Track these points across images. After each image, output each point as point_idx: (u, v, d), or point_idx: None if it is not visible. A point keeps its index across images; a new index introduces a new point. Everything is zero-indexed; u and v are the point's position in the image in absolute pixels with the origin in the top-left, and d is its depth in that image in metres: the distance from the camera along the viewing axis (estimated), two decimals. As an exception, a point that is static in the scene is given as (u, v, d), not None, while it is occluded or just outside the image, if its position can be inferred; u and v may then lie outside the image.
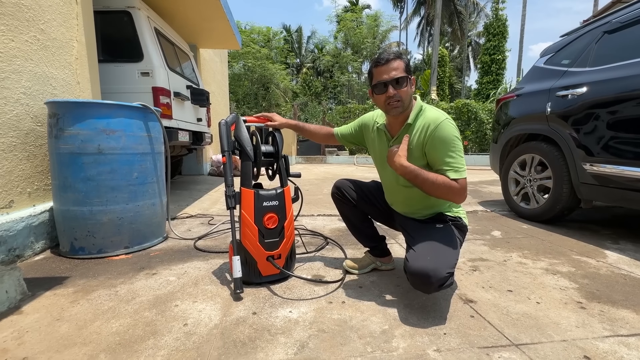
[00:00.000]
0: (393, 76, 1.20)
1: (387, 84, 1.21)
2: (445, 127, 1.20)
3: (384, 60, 1.21)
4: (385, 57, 1.22)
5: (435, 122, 1.21)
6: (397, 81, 1.20)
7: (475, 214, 2.88)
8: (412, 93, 1.27)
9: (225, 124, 1.42)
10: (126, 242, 1.83)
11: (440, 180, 1.16)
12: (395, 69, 1.20)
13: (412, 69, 1.26)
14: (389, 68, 1.21)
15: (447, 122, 1.21)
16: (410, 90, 1.25)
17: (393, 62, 1.20)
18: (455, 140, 1.20)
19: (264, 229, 1.38)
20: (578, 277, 1.54)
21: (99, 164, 1.72)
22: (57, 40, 1.99)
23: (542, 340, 1.04)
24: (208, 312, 1.20)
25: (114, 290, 1.37)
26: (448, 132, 1.19)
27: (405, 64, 1.22)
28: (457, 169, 1.17)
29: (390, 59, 1.21)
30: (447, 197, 1.21)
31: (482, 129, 9.87)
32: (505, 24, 14.14)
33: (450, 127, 1.21)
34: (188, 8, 3.98)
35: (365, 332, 1.08)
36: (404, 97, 1.23)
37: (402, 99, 1.22)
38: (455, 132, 1.21)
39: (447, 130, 1.20)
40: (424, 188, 1.19)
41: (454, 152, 1.19)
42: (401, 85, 1.21)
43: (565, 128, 2.28)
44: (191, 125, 3.74)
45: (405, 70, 1.21)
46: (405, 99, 1.23)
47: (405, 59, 1.23)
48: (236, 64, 17.31)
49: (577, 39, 2.50)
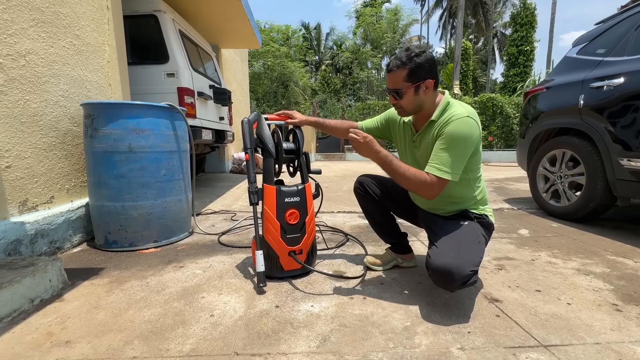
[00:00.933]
0: (391, 87, 1.23)
1: (389, 91, 1.25)
2: (460, 123, 1.16)
3: (388, 67, 1.24)
4: (389, 67, 1.23)
5: (455, 117, 1.18)
6: (396, 92, 1.22)
7: (501, 212, 2.79)
8: (419, 100, 1.23)
9: (248, 122, 1.45)
10: (155, 236, 1.92)
11: (412, 172, 1.17)
12: (395, 81, 1.21)
13: (426, 72, 1.18)
14: (390, 78, 1.23)
15: (464, 120, 1.16)
16: (416, 98, 1.22)
17: (395, 72, 1.20)
18: (460, 139, 1.15)
19: (285, 224, 1.41)
20: (613, 278, 1.46)
21: (130, 162, 1.81)
22: (91, 44, 2.10)
23: (574, 342, 1.00)
24: (233, 304, 1.24)
25: (145, 282, 1.45)
26: (459, 129, 1.15)
27: (411, 71, 1.17)
28: (440, 168, 1.15)
29: (392, 70, 1.21)
30: (416, 189, 1.19)
31: (508, 123, 9.49)
32: (534, 13, 13.48)
33: (465, 125, 1.16)
34: (211, 10, 4.08)
35: (387, 328, 1.08)
36: (405, 105, 1.24)
37: (402, 107, 1.25)
38: (470, 131, 1.16)
39: (460, 127, 1.16)
40: (395, 177, 1.21)
41: (449, 149, 1.15)
42: (400, 96, 1.22)
43: (600, 121, 2.15)
44: (214, 124, 3.84)
45: (407, 79, 1.18)
46: (407, 107, 1.25)
47: (411, 66, 1.17)
48: (256, 62, 17.55)
49: (614, 26, 2.35)
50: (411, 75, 1.19)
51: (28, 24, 1.67)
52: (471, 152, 1.19)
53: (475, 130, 1.18)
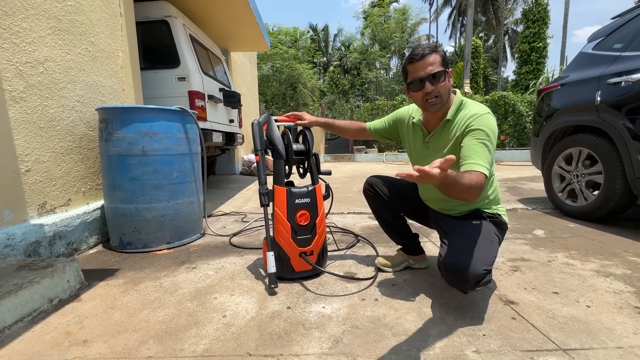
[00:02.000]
0: (429, 72, 1.15)
1: (423, 80, 1.17)
2: (488, 119, 1.16)
3: (418, 55, 1.17)
4: (420, 53, 1.17)
5: (477, 115, 1.17)
6: (433, 76, 1.15)
7: (515, 212, 2.73)
8: (450, 87, 1.22)
9: (258, 124, 1.46)
10: (168, 237, 1.95)
11: (473, 181, 1.00)
12: (432, 63, 1.15)
13: (449, 61, 1.21)
14: (425, 63, 1.16)
15: (489, 116, 1.17)
16: (449, 84, 1.20)
17: (428, 56, 1.15)
18: (492, 135, 1.14)
19: (296, 225, 1.41)
20: (635, 280, 1.41)
21: (144, 165, 1.84)
22: (105, 51, 2.16)
23: (594, 346, 0.97)
24: (245, 305, 1.25)
25: (159, 282, 1.47)
26: (489, 124, 1.14)
27: (442, 57, 1.18)
28: (484, 165, 1.06)
29: (426, 54, 1.16)
30: (469, 197, 1.01)
31: (521, 122, 9.29)
32: (546, 8, 13.20)
33: (492, 121, 1.16)
34: (220, 14, 4.13)
35: (399, 330, 1.07)
36: (443, 92, 1.18)
37: (440, 94, 1.18)
38: (495, 127, 1.16)
39: (489, 123, 1.15)
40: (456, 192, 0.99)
41: (484, 144, 1.11)
42: (438, 80, 1.16)
43: (619, 118, 2.09)
44: (224, 127, 3.88)
45: (442, 63, 1.17)
46: (443, 94, 1.19)
47: (441, 52, 1.18)
48: (264, 65, 17.69)
49: (632, 20, 2.28)
50: (444, 60, 1.18)
51: (46, 32, 1.72)
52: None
53: (496, 127, 1.18)
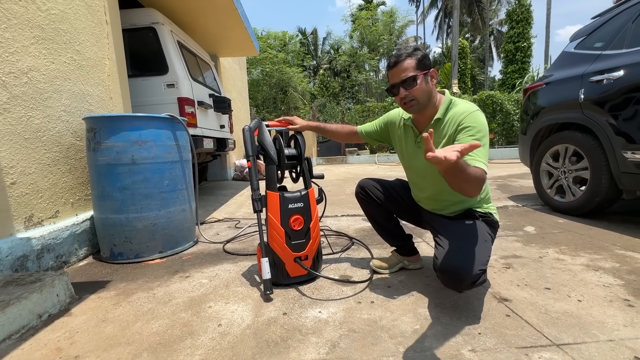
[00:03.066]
0: (402, 78, 1.20)
1: (396, 86, 1.22)
2: (478, 116, 1.18)
3: (392, 62, 1.22)
4: (394, 60, 1.22)
5: (467, 112, 1.19)
6: (405, 81, 1.20)
7: (506, 209, 2.77)
8: (430, 89, 1.23)
9: (249, 130, 1.46)
10: (160, 246, 1.92)
11: (478, 173, 0.99)
12: (405, 69, 1.19)
13: (430, 62, 1.23)
14: (399, 70, 1.20)
15: (479, 113, 1.20)
16: (427, 86, 1.22)
17: (402, 62, 1.20)
18: (485, 131, 1.17)
19: (290, 230, 1.40)
20: (623, 273, 1.44)
21: (133, 174, 1.81)
22: (91, 59, 2.13)
23: (586, 340, 0.99)
24: (240, 312, 1.24)
25: (152, 293, 1.44)
26: (481, 120, 1.17)
27: (418, 60, 1.20)
28: (483, 161, 1.07)
29: (400, 60, 1.20)
30: (472, 191, 1.01)
31: (509, 120, 9.47)
32: (530, 9, 13.50)
33: (482, 117, 1.19)
34: (208, 20, 4.12)
35: (396, 332, 1.07)
36: (418, 95, 1.21)
37: (415, 97, 1.21)
38: (486, 124, 1.19)
39: (480, 119, 1.18)
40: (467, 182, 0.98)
41: (483, 141, 1.13)
42: (411, 85, 1.19)
43: (602, 115, 2.14)
44: (215, 133, 3.86)
45: (417, 67, 1.19)
46: (420, 97, 1.21)
47: (418, 55, 1.20)
48: (254, 70, 17.66)
49: (612, 19, 2.35)
50: (420, 63, 1.20)
51: (29, 41, 1.69)
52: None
53: (487, 124, 1.20)
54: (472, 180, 0.98)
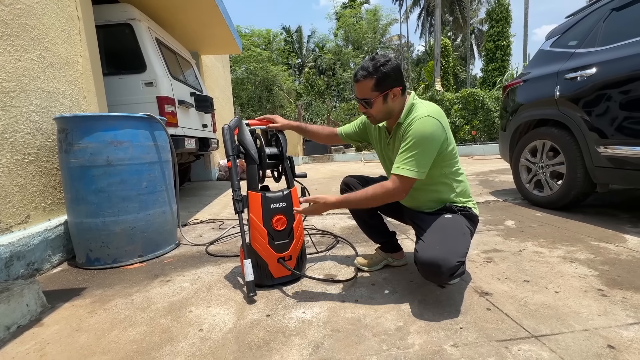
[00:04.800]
0: (360, 97, 1.26)
1: (358, 100, 1.28)
2: (421, 123, 1.18)
3: (354, 78, 1.26)
4: (357, 77, 1.24)
5: (417, 118, 1.20)
6: (365, 101, 1.25)
7: (487, 204, 2.83)
8: (387, 108, 1.26)
9: (229, 129, 1.42)
10: (139, 250, 1.86)
11: (371, 192, 1.20)
12: (363, 90, 1.24)
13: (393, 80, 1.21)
14: (358, 87, 1.25)
15: (425, 119, 1.18)
16: (384, 106, 1.25)
17: (362, 82, 1.23)
18: (423, 138, 1.16)
19: (272, 231, 1.38)
20: (597, 264, 1.49)
21: (109, 176, 1.75)
22: (62, 56, 2.03)
23: (563, 331, 1.01)
24: (222, 316, 1.21)
25: (130, 299, 1.39)
26: (420, 129, 1.17)
27: (378, 81, 1.20)
28: (402, 167, 1.17)
29: (359, 80, 1.23)
30: (385, 200, 1.22)
31: (490, 117, 9.69)
32: (508, 8, 13.87)
33: (427, 125, 1.18)
34: (188, 16, 4.02)
35: (380, 330, 1.07)
36: (374, 113, 1.28)
37: (372, 115, 1.29)
38: (429, 131, 1.17)
39: (421, 127, 1.18)
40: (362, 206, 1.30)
41: (412, 148, 1.17)
42: (369, 105, 1.25)
43: (576, 111, 2.21)
44: (197, 132, 3.78)
45: (375, 89, 1.21)
46: (376, 115, 1.28)
47: (379, 74, 1.19)
48: (238, 68, 17.41)
49: (584, 18, 2.42)
50: (378, 85, 1.21)
51: (-8, 37, 1.59)
52: (437, 149, 1.21)
53: (437, 128, 1.19)
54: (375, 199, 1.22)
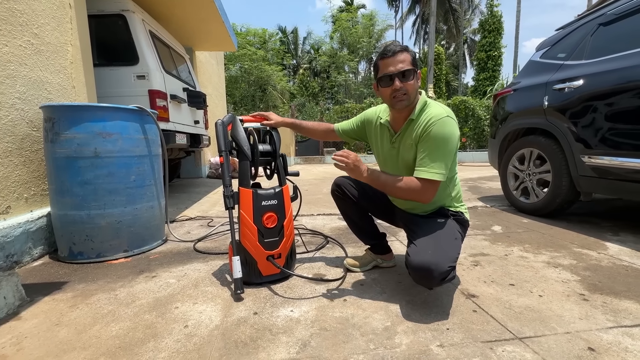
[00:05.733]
0: (400, 69, 1.17)
1: (393, 76, 1.18)
2: (443, 124, 1.17)
3: (390, 52, 1.19)
4: (392, 49, 1.19)
5: (436, 117, 1.19)
6: (403, 74, 1.17)
7: (475, 210, 2.88)
8: (417, 88, 1.25)
9: (222, 124, 1.41)
10: (125, 245, 1.82)
11: (402, 183, 1.18)
12: (402, 61, 1.17)
13: (418, 64, 1.25)
14: (396, 60, 1.17)
15: (448, 119, 1.19)
16: (417, 84, 1.23)
17: (400, 54, 1.17)
18: (446, 140, 1.17)
19: (263, 228, 1.37)
20: (580, 270, 1.53)
21: (96, 167, 1.71)
22: (52, 44, 1.98)
23: (546, 333, 1.04)
24: (209, 313, 1.19)
25: (114, 294, 1.36)
26: (444, 129, 1.17)
27: (413, 57, 1.20)
28: (428, 170, 1.16)
29: (397, 51, 1.18)
30: (409, 197, 1.21)
31: (480, 125, 9.88)
32: (501, 20, 14.18)
33: (450, 124, 1.18)
34: (184, 11, 3.98)
35: (367, 329, 1.07)
36: (410, 90, 1.20)
37: (408, 92, 1.19)
38: (453, 131, 1.18)
39: (445, 127, 1.17)
40: (385, 189, 1.24)
41: (437, 150, 1.16)
42: (407, 79, 1.18)
43: (563, 121, 2.27)
44: (188, 128, 3.73)
45: (412, 63, 1.19)
46: (411, 93, 1.21)
47: (412, 53, 1.21)
48: (233, 66, 17.29)
49: (573, 32, 2.50)
50: (414, 60, 1.21)
51: (-22, 20, 1.54)
52: (455, 150, 1.22)
53: (456, 129, 1.20)
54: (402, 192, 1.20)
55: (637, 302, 1.22)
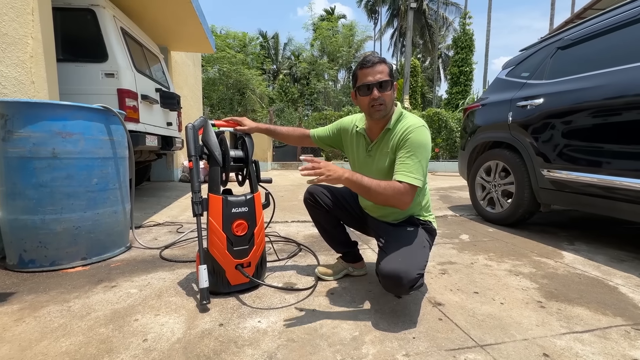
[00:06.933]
0: (378, 79, 1.21)
1: (371, 86, 1.22)
2: (421, 132, 1.23)
3: (370, 63, 1.23)
4: (372, 60, 1.23)
5: (414, 126, 1.24)
6: (381, 84, 1.21)
7: (446, 219, 2.97)
8: (394, 98, 1.29)
9: (193, 128, 1.37)
10: (83, 253, 1.71)
11: (383, 186, 1.15)
12: (381, 72, 1.21)
13: (395, 75, 1.28)
14: (375, 71, 1.21)
15: (423, 129, 1.24)
16: (393, 95, 1.27)
17: (378, 65, 1.22)
18: (423, 147, 1.22)
19: (232, 236, 1.34)
20: (538, 277, 1.61)
21: (54, 169, 1.60)
22: (9, 36, 1.85)
23: (505, 340, 1.08)
24: (171, 325, 1.14)
25: (67, 306, 1.27)
26: (421, 137, 1.22)
27: (390, 69, 1.24)
28: (408, 174, 1.18)
29: (376, 62, 1.22)
30: (392, 200, 1.17)
31: (452, 136, 10.29)
32: (472, 38, 14.95)
33: (425, 134, 1.24)
34: (158, 10, 3.86)
35: (335, 340, 1.06)
36: (387, 100, 1.24)
37: (385, 102, 1.23)
38: (427, 140, 1.24)
39: (421, 135, 1.22)
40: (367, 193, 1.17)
41: (415, 156, 1.20)
42: (385, 89, 1.22)
43: (526, 136, 2.42)
44: (160, 130, 3.60)
45: (389, 74, 1.23)
46: (388, 103, 1.25)
47: (389, 64, 1.25)
48: (211, 68, 16.96)
49: (535, 53, 2.67)
50: (391, 72, 1.25)
51: None
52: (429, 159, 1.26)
53: (430, 140, 1.26)
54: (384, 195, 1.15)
55: (588, 309, 1.30)
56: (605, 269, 1.74)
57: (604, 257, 1.91)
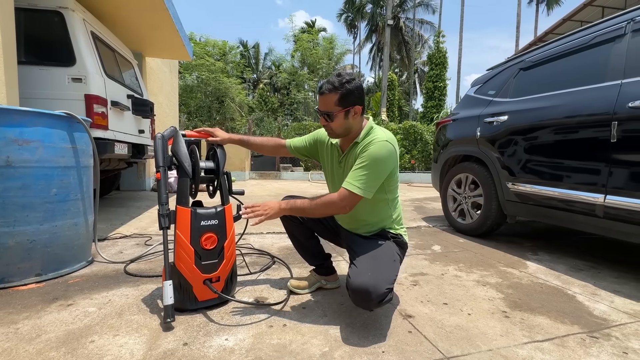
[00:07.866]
0: (324, 110, 1.27)
1: (321, 112, 1.29)
2: (379, 146, 1.23)
3: (320, 90, 1.28)
4: (323, 88, 1.26)
5: (377, 140, 1.25)
6: (327, 114, 1.27)
7: (419, 229, 3.04)
8: (348, 124, 1.29)
9: (162, 138, 1.33)
10: (38, 268, 1.59)
11: (317, 200, 1.26)
12: (327, 103, 1.26)
13: (355, 98, 1.26)
14: (322, 100, 1.27)
15: (383, 143, 1.24)
16: (345, 122, 1.28)
17: (326, 95, 1.25)
18: (379, 160, 1.22)
19: (200, 250, 1.29)
20: (504, 288, 1.67)
21: (7, 179, 1.49)
22: (-37, 35, 1.73)
23: (471, 351, 1.10)
24: (130, 346, 1.07)
25: (14, 328, 1.17)
26: (379, 151, 1.23)
27: (341, 96, 1.23)
28: (351, 182, 1.21)
29: (324, 93, 1.25)
30: (329, 211, 1.29)
31: (427, 149, 10.63)
32: (446, 55, 15.68)
33: (384, 148, 1.23)
34: (132, 14, 3.77)
35: (304, 357, 1.04)
36: (334, 128, 1.29)
37: (332, 129, 1.30)
38: (387, 154, 1.24)
39: (381, 149, 1.23)
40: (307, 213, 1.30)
41: (366, 168, 1.21)
42: (331, 119, 1.27)
43: (492, 151, 2.54)
44: (131, 137, 3.46)
45: (338, 103, 1.24)
46: (336, 130, 1.30)
47: (343, 91, 1.23)
48: (189, 75, 16.67)
49: (500, 73, 2.84)
50: (342, 100, 1.24)
51: None
52: (387, 173, 1.27)
53: (392, 155, 1.26)
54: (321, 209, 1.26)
55: (548, 318, 1.35)
56: (565, 278, 1.83)
57: (564, 267, 2.02)
